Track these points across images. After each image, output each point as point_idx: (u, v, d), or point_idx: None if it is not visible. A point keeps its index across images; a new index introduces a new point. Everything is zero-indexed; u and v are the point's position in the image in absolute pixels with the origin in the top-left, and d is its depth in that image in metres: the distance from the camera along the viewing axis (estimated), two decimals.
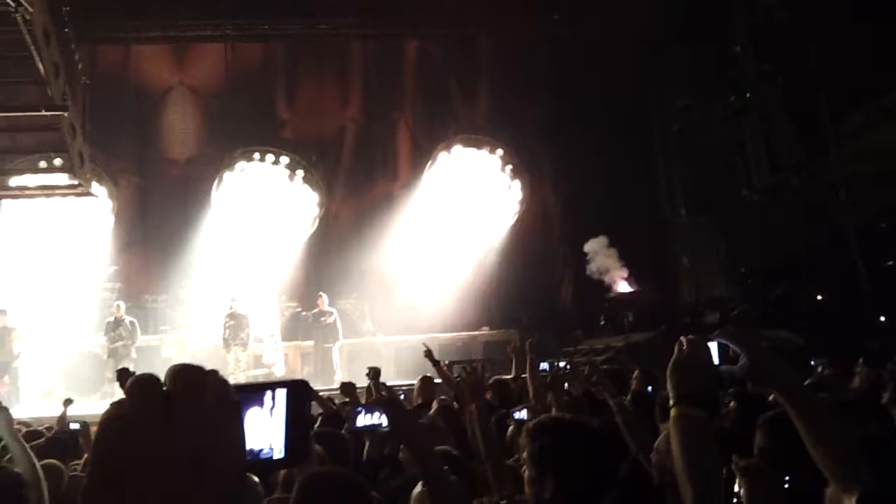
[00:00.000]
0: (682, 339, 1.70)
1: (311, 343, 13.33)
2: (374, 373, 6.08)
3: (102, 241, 14.46)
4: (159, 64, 15.97)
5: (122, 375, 5.21)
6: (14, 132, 12.92)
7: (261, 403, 0.87)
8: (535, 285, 14.61)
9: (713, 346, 1.76)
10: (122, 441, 0.69)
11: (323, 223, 15.24)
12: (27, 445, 4.51)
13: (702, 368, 1.66)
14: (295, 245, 14.90)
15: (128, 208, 14.99)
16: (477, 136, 15.52)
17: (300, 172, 15.06)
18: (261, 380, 12.62)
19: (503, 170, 15.39)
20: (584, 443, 2.00)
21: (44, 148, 13.32)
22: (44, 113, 12.66)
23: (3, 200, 13.59)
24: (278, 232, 14.80)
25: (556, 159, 15.28)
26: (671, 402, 1.65)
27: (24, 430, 5.89)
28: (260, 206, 14.82)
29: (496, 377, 6.47)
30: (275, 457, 0.87)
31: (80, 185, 13.46)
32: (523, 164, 15.46)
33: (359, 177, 15.78)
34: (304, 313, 13.92)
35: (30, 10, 11.32)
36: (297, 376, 13.29)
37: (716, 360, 1.79)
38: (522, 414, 4.37)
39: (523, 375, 6.87)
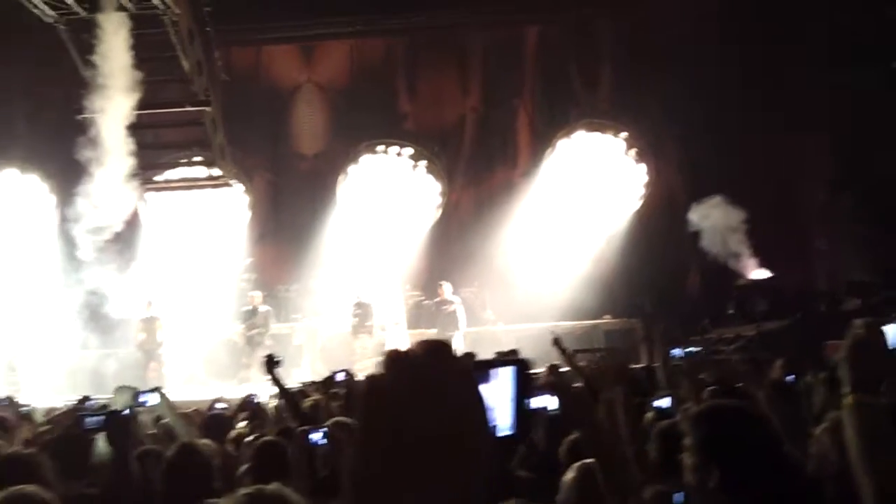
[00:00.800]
0: (857, 322, 1.59)
1: (434, 331, 13.53)
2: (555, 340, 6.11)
3: (239, 234, 15.23)
4: (288, 63, 16.68)
5: (269, 361, 5.44)
6: (159, 128, 13.82)
7: (489, 380, 0.89)
8: (659, 272, 14.12)
9: (890, 330, 1.64)
10: (384, 416, 0.73)
11: (444, 212, 15.41)
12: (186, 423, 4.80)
13: (879, 354, 1.55)
14: (418, 234, 15.15)
15: (261, 202, 15.73)
16: (599, 120, 15.19)
17: (422, 163, 15.27)
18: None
19: (627, 153, 14.99)
20: (750, 431, 1.96)
21: (187, 142, 14.22)
22: (188, 108, 13.56)
23: (149, 194, 14.56)
24: (402, 222, 15.08)
25: (683, 141, 14.70)
26: (846, 389, 1.54)
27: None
28: (384, 197, 15.14)
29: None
30: (502, 432, 0.89)
31: (220, 176, 14.27)
32: (648, 146, 15.01)
33: (479, 165, 15.88)
34: (426, 302, 14.15)
35: (176, 12, 12.11)
36: None
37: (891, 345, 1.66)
38: (663, 402, 4.24)
39: (654, 364, 6.70)
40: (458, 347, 11.91)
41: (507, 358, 0.93)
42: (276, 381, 5.42)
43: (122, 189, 13.04)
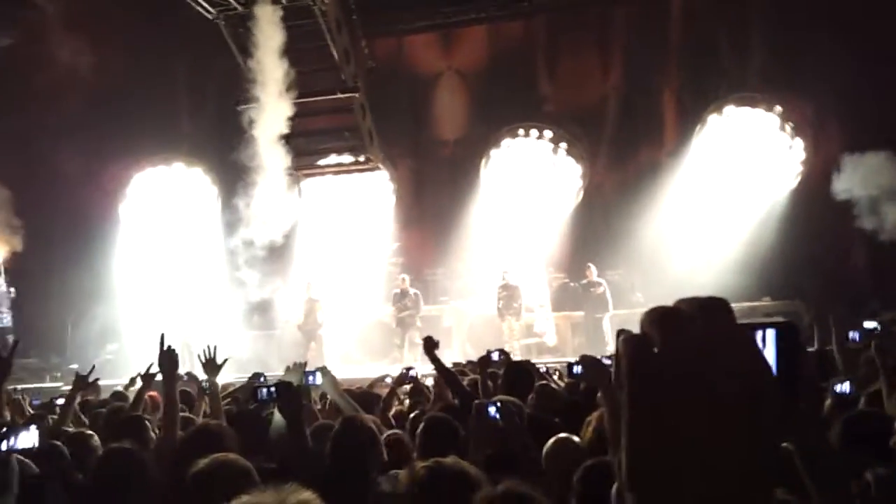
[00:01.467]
0: None
1: (580, 313, 13.46)
2: None
3: (386, 219, 15.74)
4: (428, 51, 16.98)
5: (428, 343, 5.64)
6: (311, 116, 14.50)
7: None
8: (821, 251, 13.31)
9: None
10: (660, 385, 0.67)
11: (588, 194, 15.22)
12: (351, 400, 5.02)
13: None
14: (561, 217, 15.04)
15: (406, 189, 16.17)
16: (751, 93, 14.46)
17: (563, 145, 15.15)
18: (533, 349, 13.09)
19: (782, 128, 14.18)
20: None
21: (338, 129, 14.86)
22: (338, 95, 14.21)
23: (304, 181, 15.33)
24: (544, 204, 15.04)
25: (846, 113, 13.72)
26: None
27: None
28: (526, 180, 15.15)
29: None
30: None
31: (369, 160, 14.83)
32: (806, 120, 14.14)
33: (623, 146, 15.51)
34: (572, 284, 14.08)
35: (325, 1, 12.73)
36: (568, 346, 13.54)
37: None
38: (844, 387, 4.07)
39: (828, 348, 6.37)
40: (607, 329, 11.80)
41: (770, 320, 0.90)
42: (436, 361, 5.58)
43: (279, 176, 13.84)
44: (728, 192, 14.06)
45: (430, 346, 5.68)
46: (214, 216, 15.80)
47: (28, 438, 3.09)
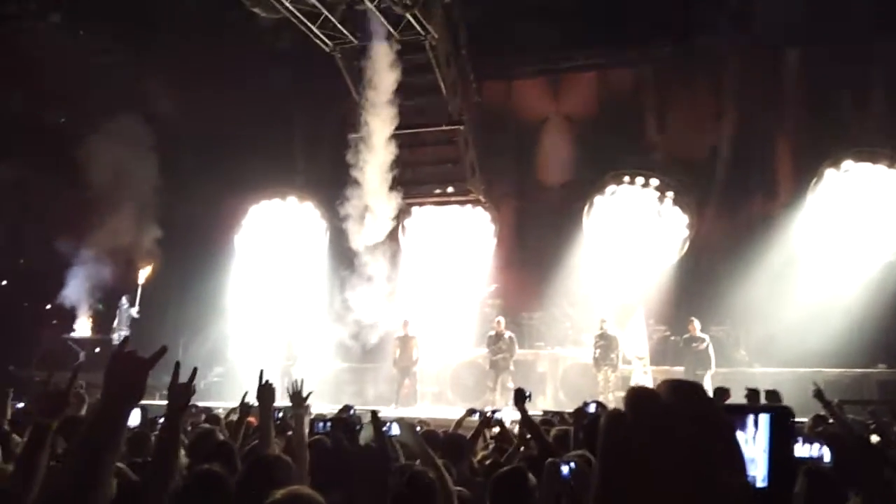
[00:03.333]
0: None
1: (681, 368, 13.05)
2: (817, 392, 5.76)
3: (486, 260, 15.85)
4: (536, 96, 17.17)
5: (519, 394, 5.65)
6: (417, 147, 14.95)
7: (744, 427, 0.89)
8: None
9: None
10: (627, 452, 0.71)
11: (693, 245, 14.84)
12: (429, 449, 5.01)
13: None
14: (664, 267, 14.72)
15: (508, 231, 16.27)
16: (871, 148, 13.79)
17: (670, 194, 14.88)
18: (672, 379, 12.69)
19: None
20: None
21: (442, 160, 15.24)
22: (444, 128, 14.62)
23: (407, 219, 15.71)
24: (648, 254, 14.77)
25: None
26: None
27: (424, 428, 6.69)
28: (630, 228, 14.95)
29: None
30: (757, 485, 0.84)
31: (471, 191, 15.08)
32: None
33: (733, 196, 15.05)
34: (673, 338, 13.71)
35: (435, 36, 13.21)
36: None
37: None
38: None
39: None
40: (708, 387, 11.41)
41: (765, 405, 0.90)
42: (524, 413, 5.57)
43: (385, 207, 14.29)
44: (843, 249, 13.38)
45: (521, 397, 5.67)
46: (323, 248, 16.39)
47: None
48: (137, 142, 14.86)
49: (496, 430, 7.23)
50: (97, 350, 15.26)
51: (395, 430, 5.88)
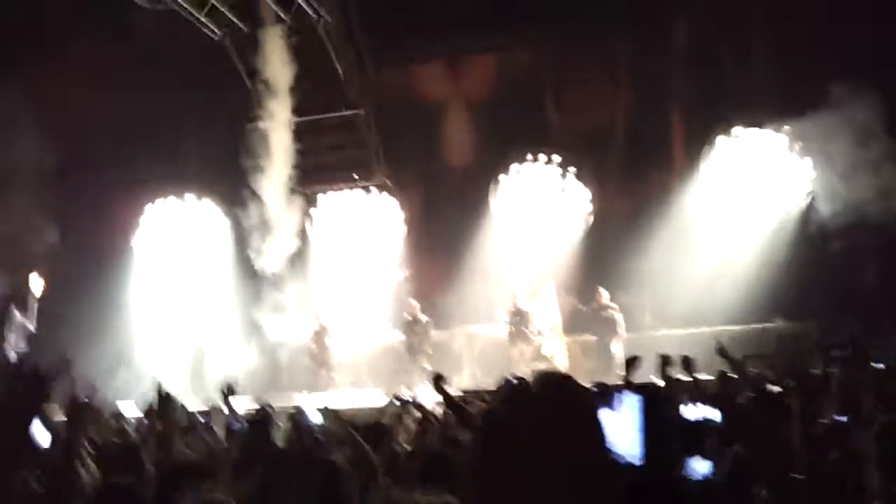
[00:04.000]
0: None
1: (592, 337, 13.39)
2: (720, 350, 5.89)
3: (396, 246, 15.79)
4: (436, 80, 17.13)
5: (436, 379, 5.62)
6: (318, 133, 14.68)
7: (612, 406, 0.87)
8: (835, 269, 13.15)
9: None
10: (504, 453, 0.75)
11: (598, 218, 15.19)
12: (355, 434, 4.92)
13: None
14: (571, 240, 15.02)
15: (416, 216, 16.22)
16: (758, 114, 14.43)
17: (572, 169, 15.19)
18: (543, 371, 12.94)
19: (791, 148, 14.13)
20: None
21: (344, 145, 15.03)
22: (344, 112, 14.42)
23: (313, 210, 15.45)
24: (554, 229, 15.04)
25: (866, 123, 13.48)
26: None
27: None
28: (535, 205, 15.18)
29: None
30: (634, 462, 0.85)
31: (376, 176, 14.95)
32: (813, 140, 14.04)
33: (632, 169, 15.48)
34: (583, 308, 14.01)
35: (328, 20, 12.99)
36: (580, 370, 13.43)
37: None
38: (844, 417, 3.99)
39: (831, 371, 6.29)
40: (618, 353, 11.73)
41: (636, 385, 0.88)
42: (446, 395, 5.55)
43: (288, 197, 13.99)
44: (738, 213, 14.00)
45: (438, 381, 5.65)
46: (226, 245, 15.92)
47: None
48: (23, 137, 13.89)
49: (418, 414, 7.19)
50: None
51: (317, 417, 5.75)
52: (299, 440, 5.56)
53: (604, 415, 0.82)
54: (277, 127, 13.86)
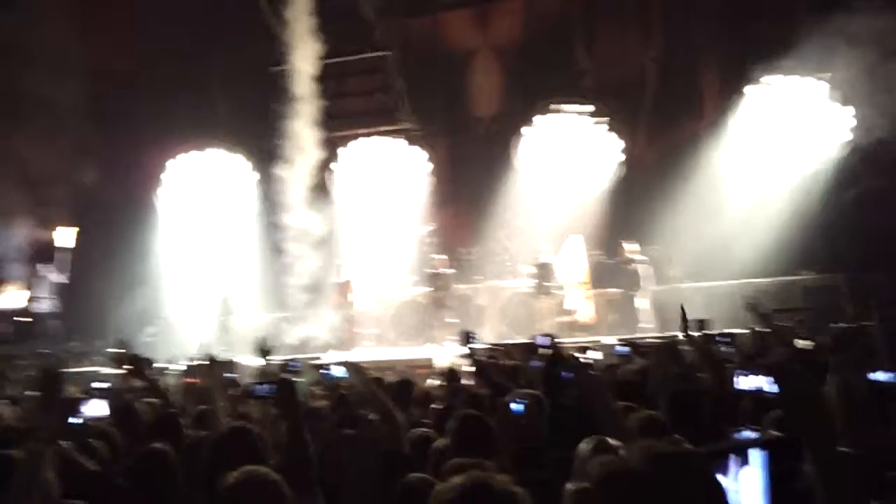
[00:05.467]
0: None
1: (617, 291, 13.27)
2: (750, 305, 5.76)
3: (421, 198, 15.66)
4: (463, 28, 16.80)
5: (466, 337, 5.52)
6: (344, 77, 14.45)
7: (725, 471, 0.69)
8: (866, 220, 12.81)
9: None
10: None
11: (627, 169, 14.90)
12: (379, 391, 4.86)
13: None
14: (598, 192, 14.79)
15: (442, 167, 16.05)
16: (796, 62, 13.91)
17: (602, 119, 14.88)
18: (567, 327, 12.86)
19: (831, 96, 13.64)
20: None
21: (370, 90, 14.82)
22: (370, 54, 14.16)
23: (335, 162, 15.34)
24: (582, 180, 14.81)
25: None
26: None
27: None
28: (563, 155, 14.93)
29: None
30: None
31: (401, 120, 14.74)
32: (855, 87, 13.55)
33: (662, 119, 15.16)
34: (608, 261, 13.88)
35: None
36: (604, 324, 13.36)
37: None
38: (881, 375, 3.82)
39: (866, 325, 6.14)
40: (644, 306, 11.60)
41: (757, 438, 0.72)
42: (473, 355, 5.46)
43: (314, 144, 13.90)
44: (767, 162, 13.64)
45: (467, 339, 5.56)
46: (252, 198, 15.92)
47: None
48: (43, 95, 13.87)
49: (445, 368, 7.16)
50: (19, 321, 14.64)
51: (339, 372, 5.73)
52: (328, 396, 5.57)
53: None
54: (303, 70, 13.68)
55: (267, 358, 5.56)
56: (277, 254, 14.39)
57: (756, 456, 0.64)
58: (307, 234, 14.34)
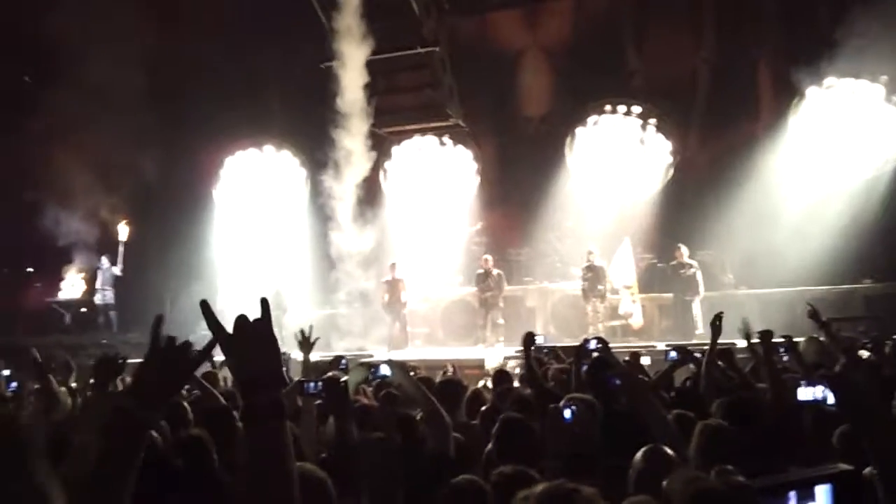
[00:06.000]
0: None
1: (669, 295, 13.11)
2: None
3: (469, 198, 15.70)
4: (512, 28, 16.78)
5: (528, 338, 5.49)
6: (393, 72, 14.57)
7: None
8: None
9: None
10: None
11: (678, 171, 14.72)
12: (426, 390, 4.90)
13: None
14: (649, 195, 14.63)
15: (490, 167, 16.06)
16: (854, 63, 13.53)
17: (653, 121, 14.70)
18: (618, 331, 12.76)
19: (888, 100, 13.27)
20: None
21: (418, 85, 14.90)
22: (419, 50, 14.24)
23: (391, 156, 15.43)
24: (633, 182, 14.67)
25: None
26: None
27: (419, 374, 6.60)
28: (614, 157, 14.80)
29: None
30: None
31: (451, 116, 14.76)
32: None
33: (716, 120, 14.88)
34: (660, 265, 13.72)
35: None
36: (655, 329, 13.22)
37: None
38: None
39: None
40: (697, 312, 11.41)
41: (821, 473, 0.70)
42: (528, 357, 5.44)
43: (365, 138, 14.05)
44: (827, 168, 13.30)
45: (530, 342, 5.55)
46: (304, 196, 16.16)
47: None
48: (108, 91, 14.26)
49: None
50: (83, 311, 15.13)
51: (386, 371, 5.77)
52: (376, 394, 5.61)
53: None
54: (352, 65, 13.85)
55: (310, 352, 5.61)
56: (328, 251, 14.56)
57: (821, 492, 0.61)
58: (358, 233, 14.50)
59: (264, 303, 1.56)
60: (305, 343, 5.44)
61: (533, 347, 5.44)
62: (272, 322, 1.55)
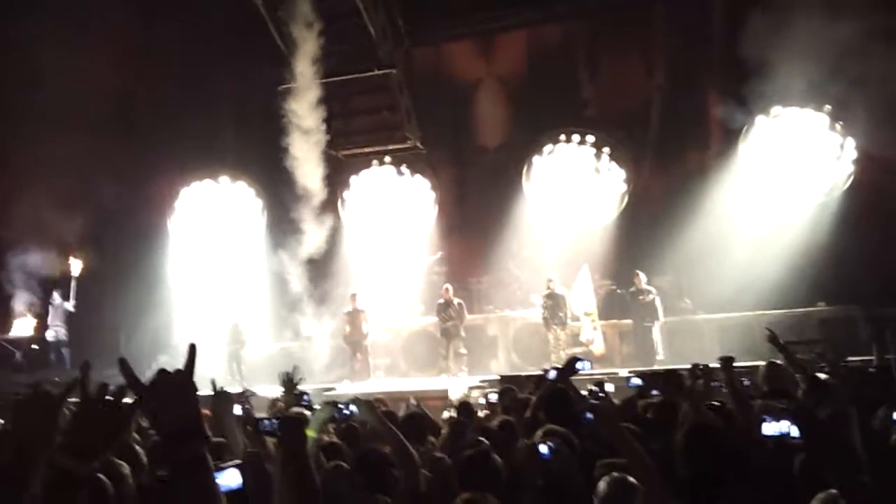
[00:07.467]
0: None
1: (629, 322, 13.25)
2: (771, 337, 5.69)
3: (428, 228, 15.72)
4: (467, 59, 16.96)
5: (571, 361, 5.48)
6: (349, 95, 14.58)
7: None
8: (880, 252, 12.81)
9: None
10: None
11: (633, 199, 14.96)
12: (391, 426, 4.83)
13: None
14: (606, 223, 14.84)
15: (448, 196, 16.13)
16: (798, 94, 13.98)
17: (606, 150, 14.96)
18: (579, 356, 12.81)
19: (832, 128, 13.74)
20: None
21: (376, 108, 14.94)
22: (376, 72, 14.30)
23: (349, 186, 15.36)
24: (589, 210, 14.86)
25: None
26: None
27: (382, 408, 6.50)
28: (570, 185, 14.99)
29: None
30: None
31: (409, 138, 14.80)
32: (856, 119, 13.64)
33: (668, 149, 15.17)
34: (620, 291, 13.87)
35: None
36: (616, 355, 13.32)
37: None
38: None
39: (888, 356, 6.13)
40: (657, 339, 11.55)
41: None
42: (569, 385, 5.32)
43: (320, 161, 14.00)
44: (778, 194, 13.67)
45: (572, 367, 5.44)
46: (260, 226, 16.00)
47: None
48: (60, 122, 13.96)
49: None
50: (34, 348, 14.65)
51: (353, 409, 5.68)
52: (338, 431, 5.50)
53: None
54: (308, 88, 13.85)
55: (286, 391, 5.50)
56: (286, 283, 14.41)
57: None
58: (315, 262, 14.39)
59: (192, 350, 1.53)
60: (289, 384, 5.32)
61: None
62: (193, 373, 1.52)
